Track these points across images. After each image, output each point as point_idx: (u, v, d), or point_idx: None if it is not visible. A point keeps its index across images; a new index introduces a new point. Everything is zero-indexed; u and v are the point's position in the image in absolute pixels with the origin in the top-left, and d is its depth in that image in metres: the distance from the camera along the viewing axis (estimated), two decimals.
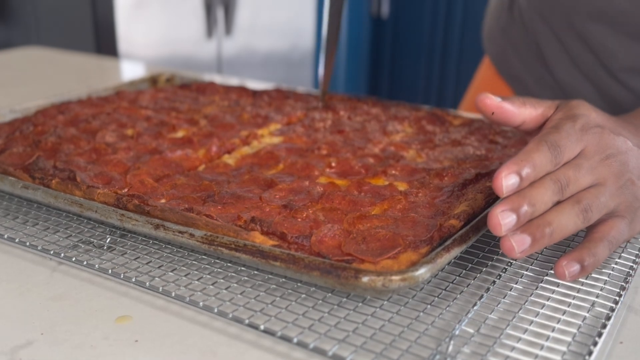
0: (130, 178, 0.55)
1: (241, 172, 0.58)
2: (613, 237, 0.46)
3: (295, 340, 0.39)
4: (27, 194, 0.53)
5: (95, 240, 0.51)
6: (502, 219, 0.42)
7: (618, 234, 0.47)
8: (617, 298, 0.44)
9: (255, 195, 0.52)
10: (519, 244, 0.42)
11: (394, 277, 0.38)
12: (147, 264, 0.48)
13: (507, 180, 0.43)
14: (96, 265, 0.47)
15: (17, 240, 0.51)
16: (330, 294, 0.44)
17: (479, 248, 0.50)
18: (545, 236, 0.43)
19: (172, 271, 0.47)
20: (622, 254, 0.50)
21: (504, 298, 0.44)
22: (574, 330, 0.40)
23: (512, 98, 0.50)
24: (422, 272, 0.39)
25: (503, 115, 0.50)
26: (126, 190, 0.54)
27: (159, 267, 0.48)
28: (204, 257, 0.49)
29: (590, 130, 0.47)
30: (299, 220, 0.47)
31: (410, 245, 0.43)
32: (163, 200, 0.52)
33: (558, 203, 0.44)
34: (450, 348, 0.38)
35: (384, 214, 0.49)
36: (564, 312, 0.42)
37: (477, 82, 0.99)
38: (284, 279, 0.45)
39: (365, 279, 0.38)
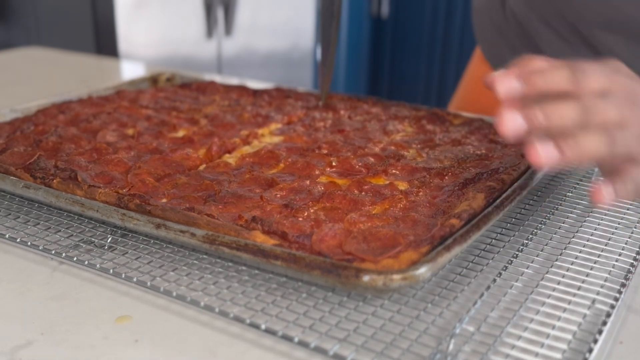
0: (131, 177, 0.55)
1: (242, 172, 0.58)
2: (634, 177, 0.44)
3: (296, 339, 0.39)
4: (29, 194, 0.53)
5: (97, 240, 0.51)
6: (507, 117, 0.40)
7: (638, 177, 0.45)
8: (618, 295, 0.44)
9: (256, 195, 0.52)
10: (545, 151, 0.41)
11: (395, 276, 0.38)
12: (148, 263, 0.48)
13: (503, 78, 0.41)
14: (97, 265, 0.48)
15: (18, 240, 0.51)
16: (331, 293, 0.44)
17: (479, 247, 0.50)
18: (570, 147, 0.41)
19: (173, 271, 0.47)
20: (623, 251, 0.50)
21: (504, 296, 0.44)
22: (575, 328, 0.40)
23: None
24: (423, 271, 0.39)
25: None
26: (127, 189, 0.54)
27: (160, 266, 0.48)
28: (205, 256, 0.49)
29: (621, 74, 0.44)
30: (300, 219, 0.47)
31: (411, 244, 0.43)
32: (164, 200, 0.52)
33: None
34: (451, 347, 0.38)
35: (385, 213, 0.49)
36: (565, 310, 0.42)
37: (470, 79, 0.97)
38: (284, 279, 0.46)
39: (366, 278, 0.38)
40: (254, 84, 0.93)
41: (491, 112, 0.88)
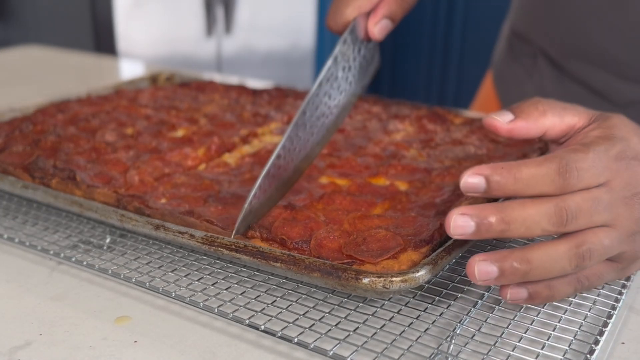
0: (129, 177, 0.55)
1: (242, 172, 0.57)
2: (587, 278, 0.41)
3: (295, 340, 0.39)
4: (27, 194, 0.53)
5: (95, 240, 0.51)
6: (455, 221, 0.37)
7: (596, 278, 0.41)
8: (619, 296, 0.44)
9: None
10: (482, 273, 0.37)
11: (395, 279, 0.38)
12: (147, 264, 0.48)
13: (468, 177, 0.38)
14: (96, 266, 0.47)
15: (16, 240, 0.51)
16: (330, 294, 0.44)
17: (481, 247, 0.50)
18: (517, 274, 0.37)
19: (172, 271, 0.47)
20: None
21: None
22: (576, 329, 0.40)
23: (529, 106, 0.43)
24: (423, 273, 0.39)
25: (518, 133, 0.43)
26: (125, 189, 0.53)
27: (159, 267, 0.47)
28: (204, 257, 0.48)
29: (625, 160, 0.40)
30: (299, 222, 0.47)
31: (411, 244, 0.43)
32: (163, 200, 0.51)
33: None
34: (452, 347, 0.38)
35: (385, 214, 0.49)
36: (565, 311, 0.42)
37: (479, 102, 0.96)
38: (284, 280, 0.45)
39: (365, 281, 0.38)
40: (254, 83, 0.93)
41: None
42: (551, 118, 0.43)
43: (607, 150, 0.40)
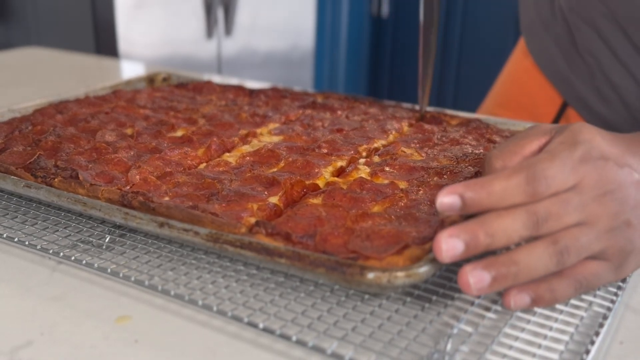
0: (131, 176, 0.55)
1: (242, 170, 0.58)
2: (585, 278, 0.41)
3: (294, 338, 0.39)
4: (30, 193, 0.53)
5: (94, 240, 0.51)
6: (445, 244, 0.37)
7: (593, 277, 0.42)
8: (614, 297, 0.44)
9: (258, 193, 0.52)
10: (476, 281, 0.38)
11: (399, 274, 0.39)
12: (146, 263, 0.48)
13: (442, 197, 0.38)
14: (95, 265, 0.48)
15: (16, 239, 0.51)
16: (329, 293, 0.44)
17: None
18: (508, 277, 0.38)
19: (171, 270, 0.47)
20: None
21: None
22: (572, 330, 0.41)
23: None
24: (427, 269, 0.39)
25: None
26: (129, 187, 0.54)
27: (158, 266, 0.48)
28: (203, 256, 0.49)
29: (591, 161, 0.41)
30: (302, 218, 0.47)
31: (414, 241, 0.43)
32: (167, 198, 0.52)
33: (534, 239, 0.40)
34: (449, 346, 0.39)
35: (386, 212, 0.49)
36: (562, 312, 0.42)
37: (509, 74, 0.94)
38: (282, 278, 0.46)
39: (370, 276, 0.39)
40: (254, 84, 0.93)
41: (532, 110, 0.86)
42: (514, 160, 0.43)
43: (571, 154, 0.41)
